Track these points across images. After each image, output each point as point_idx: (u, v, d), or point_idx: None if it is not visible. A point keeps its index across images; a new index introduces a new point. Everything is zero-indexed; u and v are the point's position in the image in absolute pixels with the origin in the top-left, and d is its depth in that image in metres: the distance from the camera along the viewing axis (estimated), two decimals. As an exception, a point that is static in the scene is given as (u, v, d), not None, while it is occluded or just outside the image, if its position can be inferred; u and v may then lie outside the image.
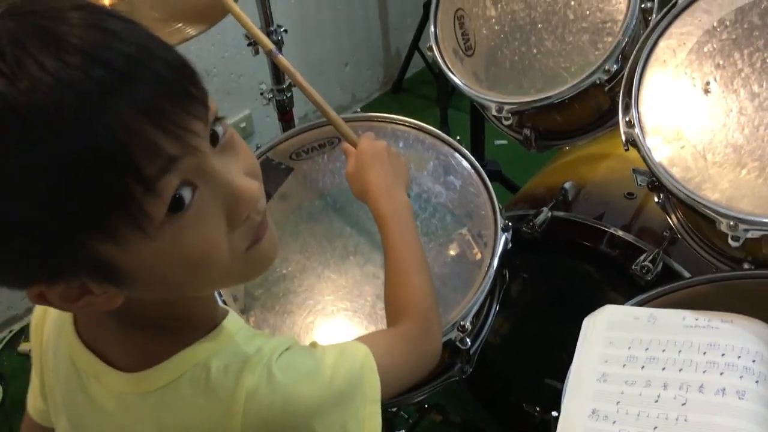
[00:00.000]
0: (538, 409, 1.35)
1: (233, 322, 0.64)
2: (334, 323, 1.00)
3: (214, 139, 0.54)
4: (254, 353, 0.61)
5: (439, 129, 1.21)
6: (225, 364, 0.60)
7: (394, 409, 1.19)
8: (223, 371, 0.59)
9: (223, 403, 0.58)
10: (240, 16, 1.11)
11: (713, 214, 0.89)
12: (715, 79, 0.98)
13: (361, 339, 0.74)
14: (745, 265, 0.96)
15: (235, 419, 0.58)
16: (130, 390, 0.60)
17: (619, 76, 1.09)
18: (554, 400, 0.83)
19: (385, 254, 0.89)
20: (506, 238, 1.05)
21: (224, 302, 1.01)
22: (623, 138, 1.00)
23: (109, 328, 0.60)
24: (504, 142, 2.29)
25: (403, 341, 0.79)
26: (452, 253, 1.06)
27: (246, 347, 0.62)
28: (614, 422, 0.77)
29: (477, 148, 1.96)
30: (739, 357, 0.78)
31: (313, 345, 0.68)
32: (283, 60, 1.12)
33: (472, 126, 1.94)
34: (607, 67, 1.11)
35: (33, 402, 0.77)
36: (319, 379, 0.63)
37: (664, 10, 1.05)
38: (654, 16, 1.12)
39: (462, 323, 0.96)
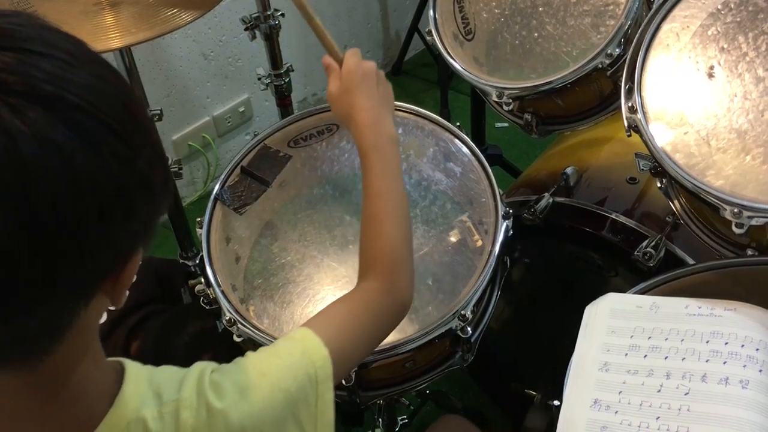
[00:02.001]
0: (540, 395, 1.35)
1: (132, 365, 0.60)
2: (334, 313, 0.99)
3: None
4: (180, 389, 0.59)
5: (439, 112, 1.20)
6: (158, 411, 0.57)
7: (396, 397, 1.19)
8: (158, 418, 0.57)
9: None
10: None
11: (717, 201, 0.88)
12: (719, 63, 0.96)
13: (316, 318, 0.74)
14: (749, 252, 0.95)
15: None
16: None
17: (622, 60, 1.08)
18: (556, 386, 0.83)
19: (364, 192, 0.84)
20: (507, 226, 1.04)
21: (223, 293, 1.00)
22: (626, 123, 0.99)
23: (15, 425, 0.54)
24: (505, 125, 2.27)
25: (362, 309, 0.77)
26: (453, 240, 1.05)
27: (167, 386, 0.60)
28: (616, 412, 0.77)
29: (478, 132, 1.95)
30: (743, 346, 0.78)
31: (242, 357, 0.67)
32: None
33: (473, 109, 1.92)
34: (609, 51, 1.09)
35: None
36: (258, 390, 0.62)
37: (668, -8, 1.03)
38: (657, -2, 1.10)
39: (463, 312, 0.96)
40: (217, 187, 1.13)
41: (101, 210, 0.45)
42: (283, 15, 1.45)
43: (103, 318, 1.27)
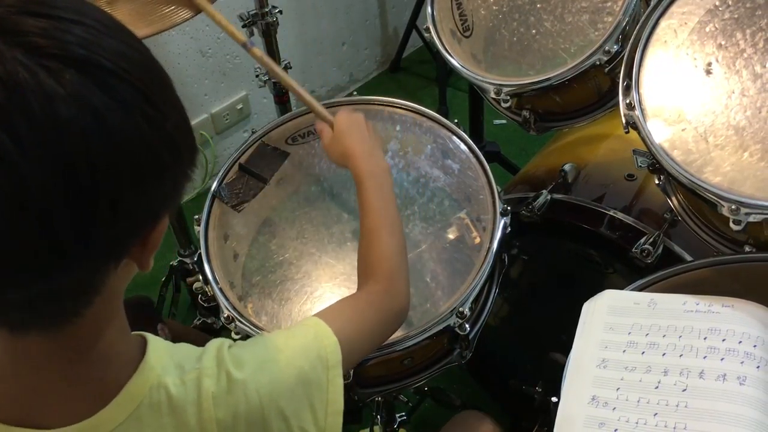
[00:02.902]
0: (538, 390, 1.35)
1: (154, 339, 0.63)
2: (332, 310, 0.99)
3: None
4: (201, 359, 0.62)
5: (437, 108, 1.20)
6: (179, 379, 0.60)
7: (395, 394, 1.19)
8: (182, 385, 0.59)
9: (193, 417, 0.59)
10: (212, 15, 1.10)
11: (715, 198, 0.88)
12: (717, 60, 0.96)
13: (324, 311, 0.76)
14: (747, 248, 0.95)
15: (210, 426, 0.59)
16: None
17: (620, 56, 1.08)
18: (554, 383, 0.83)
19: (361, 214, 0.90)
20: (505, 223, 1.04)
21: (221, 290, 1.00)
22: (623, 120, 0.99)
23: (45, 383, 0.56)
24: (503, 121, 2.27)
25: (366, 306, 0.81)
26: (451, 237, 1.05)
27: (187, 357, 0.62)
28: (614, 409, 0.77)
29: (476, 128, 1.94)
30: (740, 342, 0.78)
31: (258, 335, 0.70)
32: (257, 51, 1.10)
33: (471, 105, 1.91)
34: (607, 48, 1.09)
35: None
36: (274, 364, 0.64)
37: (666, -12, 1.03)
38: (655, -6, 1.10)
39: (461, 309, 0.96)
40: (215, 184, 1.13)
41: (134, 169, 0.47)
42: (280, 12, 1.45)
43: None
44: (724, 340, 0.78)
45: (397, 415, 1.39)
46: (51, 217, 0.44)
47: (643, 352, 0.81)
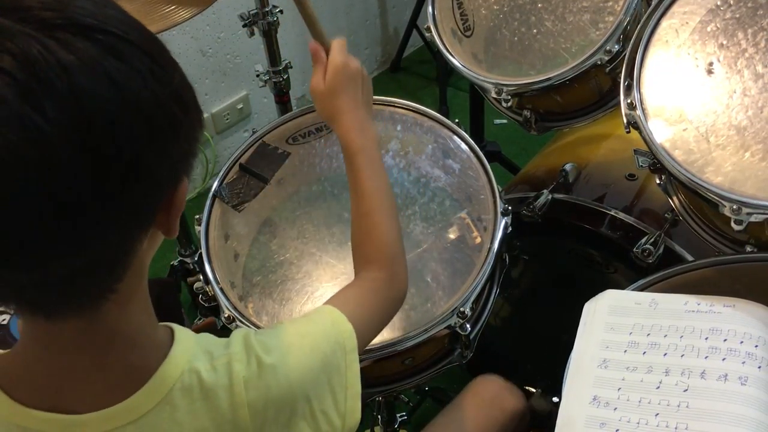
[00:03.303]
0: (539, 390, 1.35)
1: (180, 327, 0.63)
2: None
3: None
4: (229, 345, 0.63)
5: (438, 108, 1.19)
6: (210, 364, 0.60)
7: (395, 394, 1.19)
8: (213, 371, 0.60)
9: (225, 401, 0.60)
10: None
11: (716, 198, 0.88)
12: (719, 60, 0.96)
13: (332, 299, 0.77)
14: (748, 248, 0.95)
15: (242, 410, 0.60)
16: (119, 424, 0.57)
17: (621, 56, 1.08)
18: (555, 382, 0.83)
19: (352, 193, 0.88)
20: (506, 222, 1.04)
21: (221, 290, 1.00)
22: (624, 120, 0.99)
23: (76, 370, 0.56)
24: (504, 121, 2.27)
25: (370, 294, 0.81)
26: (452, 237, 1.05)
27: (215, 344, 0.63)
28: (615, 409, 0.77)
29: (476, 128, 1.94)
30: (742, 342, 0.77)
31: (279, 323, 0.71)
32: None
33: (472, 105, 1.91)
34: (608, 48, 1.09)
35: None
36: (300, 350, 0.65)
37: (667, -12, 1.03)
38: (656, -6, 1.10)
39: (462, 309, 0.95)
40: (215, 184, 1.12)
41: (151, 128, 0.48)
42: (281, 12, 1.45)
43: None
44: (725, 340, 0.78)
45: (398, 415, 1.39)
46: (81, 186, 0.45)
47: (644, 352, 0.81)
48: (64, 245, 0.47)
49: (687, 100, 0.96)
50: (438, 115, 1.18)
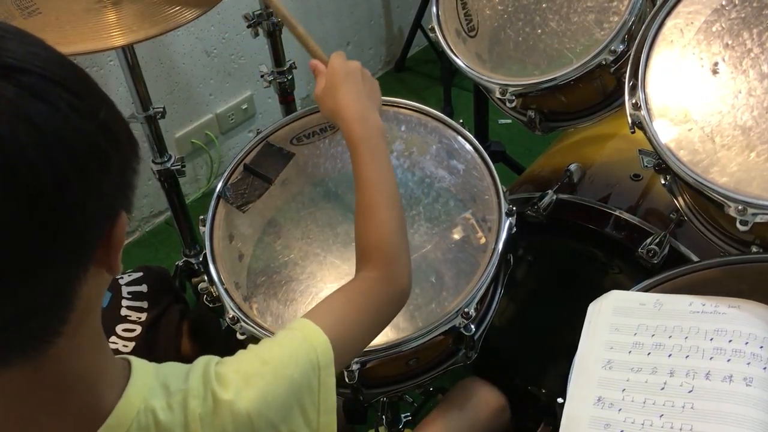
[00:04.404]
0: (543, 391, 1.35)
1: (137, 360, 0.62)
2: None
3: None
4: (187, 380, 0.61)
5: (442, 108, 1.19)
6: (166, 402, 0.59)
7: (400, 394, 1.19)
8: (167, 408, 0.59)
9: None
10: None
11: (721, 198, 0.88)
12: (724, 60, 0.95)
13: (314, 309, 0.75)
14: (753, 249, 0.95)
15: None
16: None
17: (625, 56, 1.07)
18: (560, 383, 0.83)
19: (356, 184, 0.87)
20: (510, 223, 1.04)
21: (226, 290, 1.00)
22: (629, 120, 0.99)
23: (27, 420, 0.55)
24: (508, 121, 2.26)
25: (358, 296, 0.78)
26: (456, 237, 1.05)
27: (173, 378, 0.61)
28: (620, 410, 0.76)
29: (481, 128, 1.94)
30: (747, 343, 0.77)
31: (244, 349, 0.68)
32: None
33: (476, 105, 1.91)
34: (612, 48, 1.09)
35: None
36: (261, 379, 0.63)
37: (672, -12, 1.03)
38: (661, -6, 1.09)
39: (466, 310, 0.95)
40: (219, 184, 1.13)
41: (77, 166, 0.47)
42: (285, 12, 1.45)
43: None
44: (730, 341, 0.78)
45: (402, 416, 1.39)
46: (6, 234, 0.44)
47: (648, 353, 0.81)
48: None
49: (692, 100, 0.95)
50: (442, 115, 1.18)
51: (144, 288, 1.38)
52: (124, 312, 1.34)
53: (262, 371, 0.64)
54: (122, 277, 1.40)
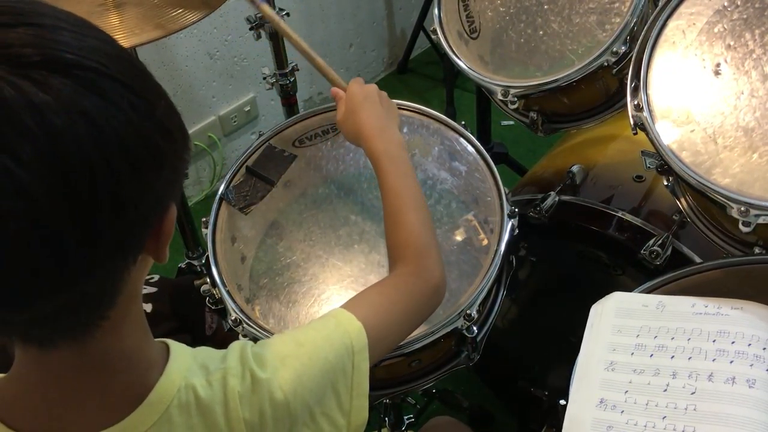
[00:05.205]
0: (546, 393, 1.35)
1: (176, 343, 0.63)
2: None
3: None
4: (225, 359, 0.63)
5: (445, 109, 1.20)
6: (206, 380, 0.60)
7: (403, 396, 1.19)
8: (207, 386, 0.60)
9: (221, 417, 0.60)
10: None
11: (724, 200, 0.87)
12: (726, 61, 0.95)
13: (350, 300, 0.77)
14: (756, 250, 0.95)
15: (238, 426, 0.60)
16: None
17: (628, 57, 1.07)
18: (562, 385, 0.82)
19: (382, 195, 0.89)
20: (513, 225, 1.03)
21: (228, 292, 1.00)
22: (632, 122, 0.98)
23: (71, 397, 0.56)
24: (511, 122, 2.26)
25: (392, 290, 0.81)
26: (458, 239, 1.05)
27: (211, 358, 0.63)
28: (622, 411, 0.76)
29: (483, 129, 1.94)
30: (750, 345, 0.77)
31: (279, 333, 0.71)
32: (266, 8, 1.13)
33: (479, 106, 1.91)
34: (615, 49, 1.09)
35: None
36: (296, 359, 0.65)
37: (674, -11, 1.02)
38: (663, -5, 1.09)
39: (468, 312, 0.95)
40: (222, 187, 1.13)
41: (133, 163, 0.47)
42: (287, 14, 1.45)
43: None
44: (733, 342, 0.78)
45: (405, 417, 1.39)
46: (63, 230, 0.44)
47: (651, 355, 0.81)
48: (51, 286, 0.46)
49: (694, 102, 0.95)
50: (444, 117, 1.18)
51: (149, 308, 1.34)
52: None
53: (298, 353, 0.66)
54: None
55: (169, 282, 1.45)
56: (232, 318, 0.98)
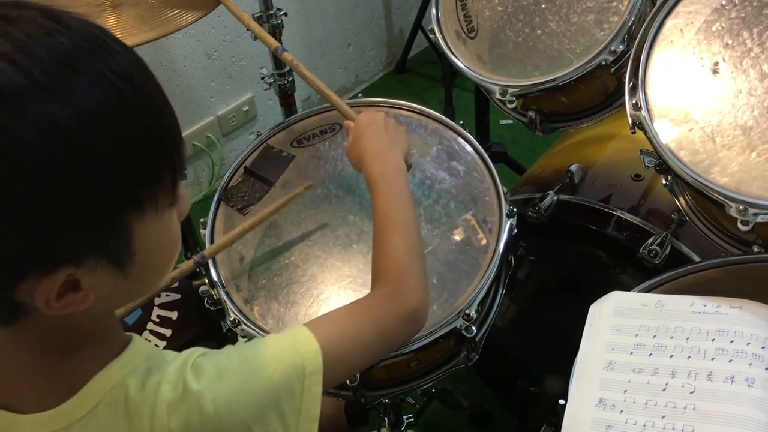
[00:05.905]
0: (545, 392, 1.35)
1: (140, 342, 0.63)
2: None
3: None
4: (167, 365, 0.62)
5: (443, 109, 1.20)
6: (141, 381, 0.60)
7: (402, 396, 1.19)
8: (140, 389, 0.59)
9: (146, 423, 0.59)
10: (243, 18, 1.11)
11: (722, 198, 0.87)
12: (724, 60, 0.95)
13: (317, 318, 0.76)
14: (755, 249, 0.95)
15: None
16: (54, 428, 0.58)
17: (626, 56, 1.07)
18: (562, 384, 0.82)
19: (373, 218, 0.87)
20: (511, 224, 1.03)
21: (227, 293, 1.00)
22: (630, 121, 0.98)
23: (16, 371, 0.58)
24: (509, 121, 2.26)
25: (363, 311, 0.78)
26: (457, 238, 1.05)
27: (161, 362, 0.62)
28: (621, 411, 0.76)
29: (482, 129, 1.94)
30: (749, 344, 0.77)
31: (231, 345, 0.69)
32: (288, 56, 1.12)
33: (477, 106, 1.92)
34: (613, 48, 1.09)
35: None
36: (237, 375, 0.63)
37: (672, -13, 1.02)
38: (661, -7, 1.09)
39: (467, 312, 0.95)
40: (220, 187, 1.13)
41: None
42: (285, 14, 1.45)
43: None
44: (732, 341, 0.78)
45: (405, 417, 1.39)
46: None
47: (650, 354, 0.81)
48: None
49: (692, 101, 0.95)
50: (442, 116, 1.17)
51: (174, 315, 1.32)
52: (145, 335, 1.28)
53: (240, 368, 0.64)
54: (159, 296, 1.32)
55: (192, 287, 1.43)
56: (231, 319, 0.98)
